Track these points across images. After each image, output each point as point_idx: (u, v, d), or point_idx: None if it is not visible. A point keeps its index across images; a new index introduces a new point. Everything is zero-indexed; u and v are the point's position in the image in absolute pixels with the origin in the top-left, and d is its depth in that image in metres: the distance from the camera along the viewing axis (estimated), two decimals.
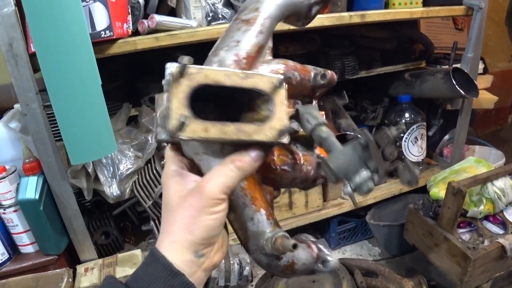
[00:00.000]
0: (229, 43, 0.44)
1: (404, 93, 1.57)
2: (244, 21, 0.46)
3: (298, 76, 0.48)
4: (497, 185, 1.22)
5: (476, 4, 1.37)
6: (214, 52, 0.45)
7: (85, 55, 0.87)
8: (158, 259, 0.36)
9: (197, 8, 1.11)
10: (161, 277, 0.36)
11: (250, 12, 0.47)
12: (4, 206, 1.06)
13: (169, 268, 0.36)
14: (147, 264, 0.37)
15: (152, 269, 0.36)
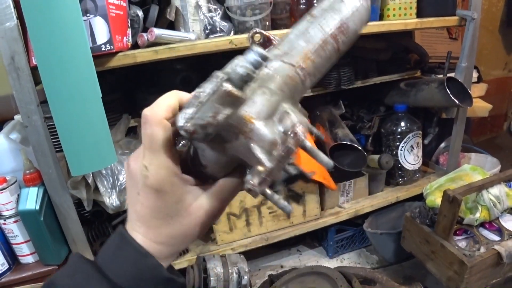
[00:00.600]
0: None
1: (399, 102, 1.59)
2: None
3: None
4: (492, 192, 1.23)
5: (469, 15, 1.40)
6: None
7: (85, 68, 0.89)
8: (127, 241, 0.37)
9: (195, 21, 1.13)
10: (131, 258, 0.36)
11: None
12: (4, 216, 1.06)
13: (138, 250, 0.36)
14: (117, 245, 0.37)
15: (121, 251, 0.37)
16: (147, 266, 0.36)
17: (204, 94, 0.32)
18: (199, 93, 0.33)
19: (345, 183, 1.54)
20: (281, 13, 1.25)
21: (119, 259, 0.36)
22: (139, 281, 0.36)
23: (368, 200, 1.59)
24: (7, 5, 0.86)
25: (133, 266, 0.36)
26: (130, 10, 1.06)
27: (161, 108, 0.36)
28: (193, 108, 0.32)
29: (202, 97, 0.32)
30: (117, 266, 0.36)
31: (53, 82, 0.89)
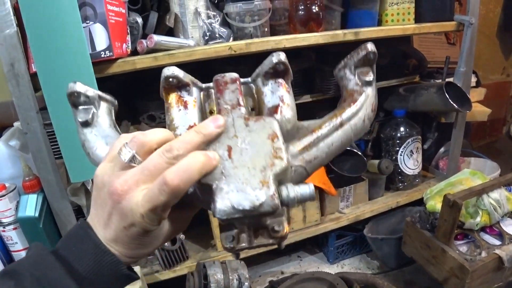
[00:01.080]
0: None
1: (398, 107, 1.60)
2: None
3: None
4: (493, 196, 1.23)
5: (467, 20, 1.41)
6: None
7: (85, 75, 0.89)
8: (89, 236, 0.38)
9: (194, 27, 1.13)
10: (91, 253, 0.37)
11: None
12: (3, 223, 1.06)
13: (98, 246, 0.37)
14: (79, 239, 0.38)
15: (83, 245, 0.38)
16: (107, 262, 0.37)
17: (260, 210, 0.35)
18: (255, 206, 0.35)
19: (345, 189, 1.54)
20: (280, 19, 1.26)
21: (81, 252, 0.37)
22: (99, 275, 0.37)
23: (368, 205, 1.58)
24: (7, 12, 0.87)
25: (93, 261, 0.37)
26: (129, 17, 1.06)
27: (188, 182, 0.35)
28: (240, 214, 0.35)
29: (256, 211, 0.35)
30: (78, 259, 0.37)
31: (53, 88, 0.89)
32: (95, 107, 0.48)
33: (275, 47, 1.14)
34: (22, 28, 0.88)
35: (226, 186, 0.36)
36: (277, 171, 0.37)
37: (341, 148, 0.47)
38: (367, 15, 1.34)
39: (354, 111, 0.47)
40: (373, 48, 0.47)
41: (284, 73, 0.46)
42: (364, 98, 0.48)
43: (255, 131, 0.40)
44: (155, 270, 1.30)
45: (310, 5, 1.18)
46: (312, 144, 0.44)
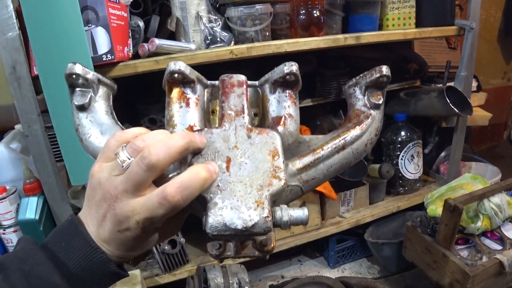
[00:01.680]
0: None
1: (399, 111, 1.60)
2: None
3: None
4: (494, 201, 1.23)
5: (468, 24, 1.41)
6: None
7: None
8: (79, 232, 0.38)
9: (196, 31, 1.14)
10: (82, 250, 0.37)
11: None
12: (4, 226, 1.06)
13: (89, 243, 0.37)
14: (69, 235, 0.38)
15: (73, 241, 0.37)
16: (97, 259, 0.37)
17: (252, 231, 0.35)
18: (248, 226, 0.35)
19: (345, 193, 1.54)
20: (281, 23, 1.26)
21: (70, 248, 0.37)
22: (88, 271, 0.37)
23: (369, 210, 1.58)
24: (9, 16, 0.87)
25: (83, 258, 0.37)
26: (131, 20, 1.07)
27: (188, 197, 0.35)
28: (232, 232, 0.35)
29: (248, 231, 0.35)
30: (68, 255, 0.37)
31: (54, 91, 0.89)
32: (93, 90, 0.46)
33: (276, 51, 1.14)
34: (24, 31, 0.88)
35: (220, 201, 0.36)
36: (274, 192, 0.37)
37: (340, 171, 0.46)
38: (368, 20, 1.35)
39: (358, 134, 0.46)
40: (388, 72, 0.46)
41: (293, 84, 0.46)
42: (370, 122, 0.47)
43: (256, 145, 0.40)
44: (155, 274, 1.29)
45: (311, 10, 1.19)
46: (311, 164, 0.44)
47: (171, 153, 0.35)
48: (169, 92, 0.44)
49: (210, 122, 0.47)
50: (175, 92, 0.44)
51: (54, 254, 0.37)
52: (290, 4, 1.22)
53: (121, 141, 0.38)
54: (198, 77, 0.45)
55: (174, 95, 0.44)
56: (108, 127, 0.46)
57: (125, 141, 0.37)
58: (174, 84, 0.44)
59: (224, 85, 0.45)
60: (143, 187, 0.35)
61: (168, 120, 0.43)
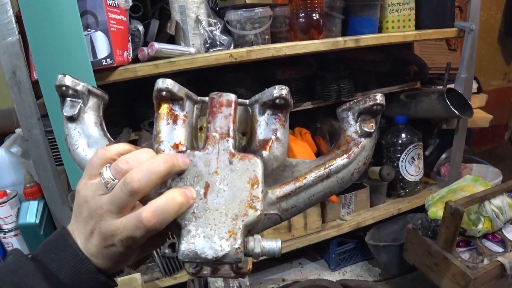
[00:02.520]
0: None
1: (400, 114, 1.60)
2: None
3: None
4: (495, 203, 1.22)
5: (467, 26, 1.41)
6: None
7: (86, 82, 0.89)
8: (68, 244, 0.38)
9: (195, 35, 1.14)
10: (70, 261, 0.38)
11: None
12: (4, 230, 1.06)
13: (77, 255, 0.38)
14: (58, 247, 0.39)
15: (62, 253, 0.38)
16: (86, 270, 0.38)
17: (223, 260, 0.36)
18: (218, 256, 0.35)
19: (346, 195, 1.53)
20: (281, 26, 1.26)
21: (59, 260, 0.38)
22: (77, 282, 0.38)
23: (370, 212, 1.58)
24: (9, 20, 0.87)
25: (72, 269, 0.38)
26: (130, 24, 1.07)
27: (163, 222, 0.36)
28: (203, 260, 0.36)
29: (218, 261, 0.36)
30: (57, 266, 0.38)
31: (54, 96, 0.88)
32: (83, 101, 0.47)
33: (275, 55, 1.14)
34: (24, 36, 0.89)
35: (194, 229, 0.36)
36: (248, 222, 0.37)
37: (322, 199, 0.45)
38: (367, 22, 1.35)
39: (345, 163, 0.45)
40: (382, 100, 0.45)
41: (283, 107, 0.45)
42: (359, 151, 0.46)
43: (237, 171, 0.40)
44: (155, 277, 1.29)
45: (310, 13, 1.19)
46: (292, 193, 0.43)
47: (153, 178, 0.36)
48: (157, 108, 0.44)
49: (197, 139, 0.47)
50: (163, 108, 0.44)
51: (43, 265, 0.38)
52: (289, 7, 1.23)
53: (104, 159, 0.38)
54: (187, 94, 0.45)
55: (162, 111, 0.44)
56: (95, 139, 0.46)
57: (108, 159, 0.38)
58: (162, 100, 0.44)
59: (213, 104, 0.45)
60: (127, 209, 0.36)
61: (155, 136, 0.44)
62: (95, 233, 0.37)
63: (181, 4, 1.12)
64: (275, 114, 0.45)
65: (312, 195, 0.44)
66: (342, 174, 0.45)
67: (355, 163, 0.46)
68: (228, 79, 1.35)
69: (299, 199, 0.43)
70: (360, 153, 0.46)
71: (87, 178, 0.39)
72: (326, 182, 0.44)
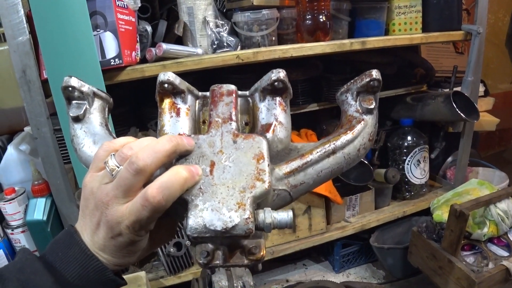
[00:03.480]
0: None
1: (406, 116, 1.59)
2: None
3: None
4: (500, 207, 1.22)
5: (474, 29, 1.40)
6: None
7: (95, 82, 0.91)
8: (75, 242, 0.38)
9: (202, 36, 1.15)
10: (78, 259, 0.38)
11: None
12: (12, 226, 1.08)
13: (85, 252, 0.38)
14: (66, 245, 0.39)
15: (69, 250, 0.38)
16: (93, 268, 0.38)
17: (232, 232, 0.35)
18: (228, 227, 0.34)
19: (351, 197, 1.53)
20: (287, 28, 1.27)
21: (67, 258, 0.38)
22: (85, 280, 0.38)
23: (375, 215, 1.58)
24: (19, 20, 0.89)
25: (79, 266, 0.38)
26: (139, 25, 1.08)
27: (168, 198, 0.35)
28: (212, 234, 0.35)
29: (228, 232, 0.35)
30: (65, 264, 0.38)
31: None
32: (88, 103, 0.47)
33: (282, 56, 1.15)
34: (34, 35, 0.90)
35: (201, 204, 0.35)
36: (257, 194, 0.36)
37: (331, 176, 0.45)
38: (374, 25, 1.35)
39: (350, 139, 0.45)
40: (378, 75, 0.46)
41: (282, 91, 0.45)
42: (362, 127, 0.46)
43: (242, 149, 0.39)
44: (160, 276, 1.30)
45: (317, 15, 1.19)
46: (299, 168, 0.42)
47: (158, 156, 0.36)
48: (160, 103, 0.45)
49: (200, 132, 0.47)
50: (166, 103, 0.45)
51: (51, 264, 0.38)
52: (296, 9, 1.23)
53: (109, 150, 0.38)
54: (189, 88, 0.46)
55: (165, 105, 0.45)
56: (101, 137, 0.47)
57: (113, 150, 0.38)
58: (165, 95, 0.45)
59: (214, 94, 0.46)
60: (133, 192, 0.36)
61: (159, 130, 0.44)
62: (102, 224, 0.37)
63: (189, 5, 1.13)
64: (275, 99, 0.46)
65: (320, 171, 0.43)
66: (348, 149, 0.44)
67: (359, 139, 0.45)
68: (235, 80, 1.35)
69: (307, 175, 0.43)
70: (363, 130, 0.46)
71: (93, 171, 0.39)
72: (333, 158, 0.44)
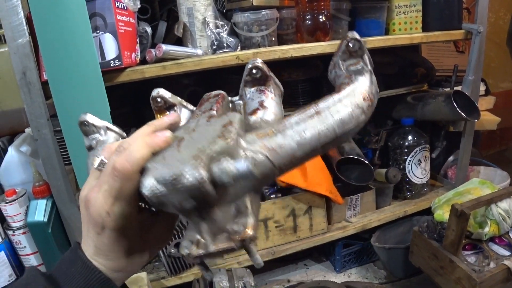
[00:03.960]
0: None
1: (406, 116, 1.59)
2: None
3: None
4: (502, 206, 1.22)
5: (475, 28, 1.40)
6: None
7: (94, 83, 0.91)
8: (78, 256, 0.39)
9: (202, 37, 1.15)
10: (82, 273, 0.38)
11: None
12: (13, 228, 1.08)
13: (86, 265, 0.38)
14: (70, 261, 0.40)
15: (73, 266, 0.39)
16: (96, 279, 0.38)
17: (183, 181, 0.32)
18: (177, 175, 0.32)
19: (352, 197, 1.53)
20: (287, 28, 1.27)
21: (71, 273, 0.39)
22: None
23: (376, 214, 1.58)
24: (19, 22, 0.89)
25: (83, 280, 0.38)
26: (139, 26, 1.08)
27: (134, 161, 0.35)
28: (163, 188, 0.33)
29: (178, 182, 0.32)
30: (69, 281, 0.38)
31: (63, 96, 0.91)
32: (101, 135, 0.51)
33: (282, 57, 1.15)
34: (34, 37, 0.90)
35: (160, 166, 0.34)
36: (216, 149, 0.33)
37: (319, 139, 0.37)
38: (374, 24, 1.35)
39: (336, 100, 0.39)
40: (354, 35, 0.41)
41: (263, 80, 0.45)
42: (352, 87, 0.40)
43: (213, 123, 0.38)
44: (161, 276, 1.30)
45: (317, 15, 1.19)
46: (276, 131, 0.37)
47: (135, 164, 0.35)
48: (156, 118, 0.47)
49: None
50: (159, 117, 0.47)
51: (55, 279, 0.39)
52: (296, 10, 1.23)
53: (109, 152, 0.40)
54: (181, 102, 0.47)
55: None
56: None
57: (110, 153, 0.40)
58: (159, 111, 0.47)
59: (202, 100, 0.47)
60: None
61: None
62: (89, 224, 0.38)
63: (188, 6, 1.13)
64: (259, 89, 0.46)
65: (303, 131, 0.37)
66: (336, 108, 0.38)
67: (350, 98, 0.39)
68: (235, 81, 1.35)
69: (286, 137, 0.36)
70: (354, 89, 0.40)
71: (88, 178, 0.41)
72: (318, 118, 0.38)
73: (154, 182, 0.33)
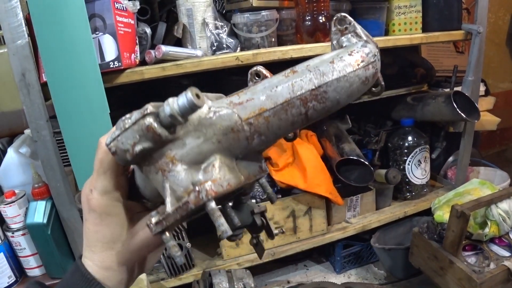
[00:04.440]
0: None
1: (406, 116, 1.59)
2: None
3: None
4: (502, 207, 1.21)
5: (475, 29, 1.40)
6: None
7: (94, 85, 0.91)
8: (78, 268, 0.39)
9: (202, 38, 1.15)
10: (80, 284, 0.39)
11: None
12: (12, 229, 1.08)
13: (85, 276, 0.39)
14: (71, 272, 0.40)
15: (73, 277, 0.40)
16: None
17: (128, 121, 0.33)
18: (126, 118, 0.33)
19: (352, 198, 1.53)
20: (287, 29, 1.27)
21: (71, 285, 0.39)
22: None
23: (376, 215, 1.57)
24: (19, 24, 0.89)
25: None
26: (138, 27, 1.08)
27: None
28: (118, 131, 0.33)
29: (126, 123, 0.33)
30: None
31: (62, 98, 0.91)
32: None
33: (281, 57, 1.14)
34: (33, 38, 0.90)
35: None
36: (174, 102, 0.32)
37: (293, 89, 0.34)
38: (374, 25, 1.35)
39: (315, 58, 0.37)
40: (341, 14, 0.41)
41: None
42: (341, 50, 0.38)
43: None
44: (161, 278, 1.30)
45: (317, 16, 1.19)
46: (246, 90, 0.36)
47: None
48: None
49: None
50: None
51: None
52: (296, 10, 1.23)
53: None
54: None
55: None
56: None
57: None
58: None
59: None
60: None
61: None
62: (87, 219, 0.39)
63: (188, 7, 1.13)
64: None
65: (274, 86, 0.34)
66: (314, 63, 0.36)
67: (333, 54, 0.37)
68: (235, 82, 1.36)
69: (256, 92, 0.35)
70: (345, 49, 0.38)
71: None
72: (293, 74, 0.35)
73: (111, 133, 0.34)
